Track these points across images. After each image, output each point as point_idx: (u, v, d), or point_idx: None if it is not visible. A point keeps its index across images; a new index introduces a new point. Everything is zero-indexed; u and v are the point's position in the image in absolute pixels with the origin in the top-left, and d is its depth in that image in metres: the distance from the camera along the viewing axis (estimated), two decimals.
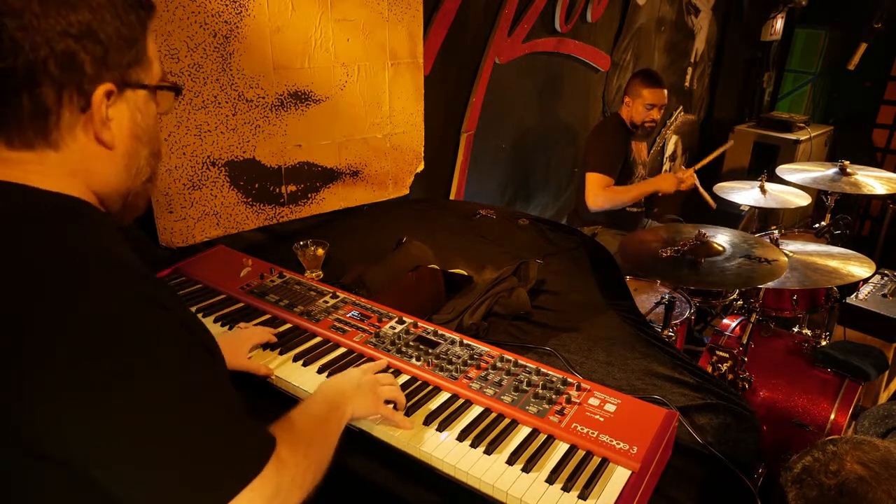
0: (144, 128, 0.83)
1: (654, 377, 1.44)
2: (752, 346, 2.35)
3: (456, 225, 2.39)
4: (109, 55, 0.75)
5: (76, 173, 0.78)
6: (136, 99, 0.81)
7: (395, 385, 1.20)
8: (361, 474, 1.13)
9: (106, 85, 0.76)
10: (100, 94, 0.75)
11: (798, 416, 2.21)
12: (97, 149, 0.79)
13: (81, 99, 0.75)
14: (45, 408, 0.66)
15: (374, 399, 1.12)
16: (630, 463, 1.06)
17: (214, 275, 1.64)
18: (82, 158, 0.78)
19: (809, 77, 5.60)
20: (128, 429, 0.68)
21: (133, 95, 0.80)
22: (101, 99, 0.76)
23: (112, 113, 0.78)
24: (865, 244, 3.86)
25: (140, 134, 0.83)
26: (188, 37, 1.80)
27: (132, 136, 0.82)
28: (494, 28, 2.92)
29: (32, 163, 0.75)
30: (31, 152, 0.75)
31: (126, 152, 0.82)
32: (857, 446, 1.04)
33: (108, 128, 0.78)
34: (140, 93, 0.81)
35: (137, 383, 0.68)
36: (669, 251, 2.09)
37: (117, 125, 0.79)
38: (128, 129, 0.81)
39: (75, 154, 0.77)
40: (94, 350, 0.67)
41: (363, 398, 1.10)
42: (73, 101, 0.74)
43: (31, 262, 0.69)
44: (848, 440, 1.07)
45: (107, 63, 0.75)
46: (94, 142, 0.78)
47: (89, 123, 0.76)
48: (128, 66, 0.78)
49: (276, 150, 2.12)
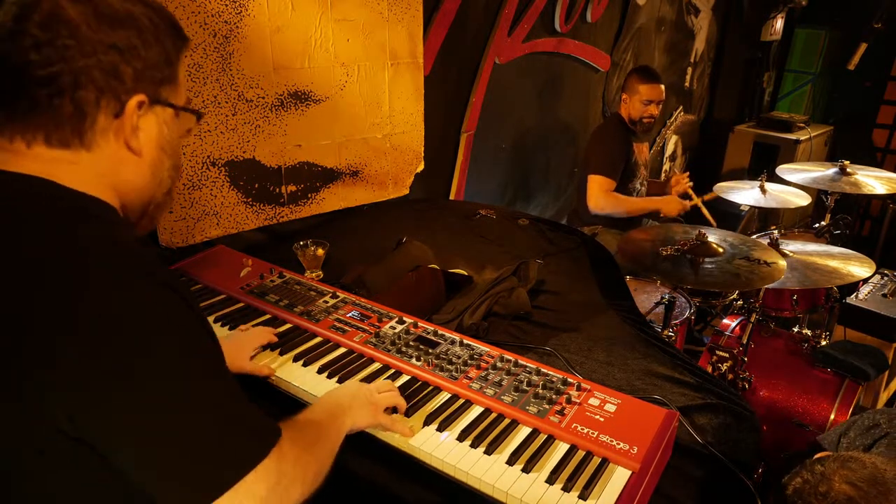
0: (169, 141, 0.91)
1: (654, 377, 1.44)
2: (752, 346, 2.35)
3: (456, 225, 2.39)
4: (147, 71, 0.83)
5: (105, 175, 0.84)
6: (163, 114, 0.88)
7: (393, 391, 1.20)
8: (362, 474, 1.13)
9: (139, 96, 0.83)
10: (133, 103, 0.83)
11: (798, 416, 2.21)
12: (126, 154, 0.85)
13: (117, 106, 0.82)
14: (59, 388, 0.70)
15: (372, 410, 1.13)
16: (630, 463, 1.06)
17: (214, 275, 1.64)
18: (112, 162, 0.84)
19: (809, 77, 5.60)
20: (139, 411, 0.72)
21: (161, 111, 0.88)
22: (133, 108, 0.83)
23: (142, 123, 0.85)
24: (865, 244, 3.87)
25: (165, 146, 0.90)
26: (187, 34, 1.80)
27: (158, 147, 0.89)
28: (494, 28, 2.92)
29: (65, 161, 0.81)
30: (67, 151, 0.81)
31: (152, 161, 0.89)
32: (844, 465, 1.04)
33: (136, 136, 0.85)
34: (168, 110, 0.89)
35: (149, 365, 0.72)
36: (669, 251, 2.09)
37: (146, 135, 0.86)
38: (155, 140, 0.88)
39: (106, 157, 0.84)
40: (108, 334, 0.71)
41: (361, 410, 1.11)
42: (110, 107, 0.81)
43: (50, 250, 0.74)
44: (836, 458, 1.07)
45: (143, 78, 0.83)
46: (124, 147, 0.85)
47: (121, 130, 0.83)
48: (160, 84, 0.86)
49: (276, 150, 2.12)
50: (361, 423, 1.11)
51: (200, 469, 0.74)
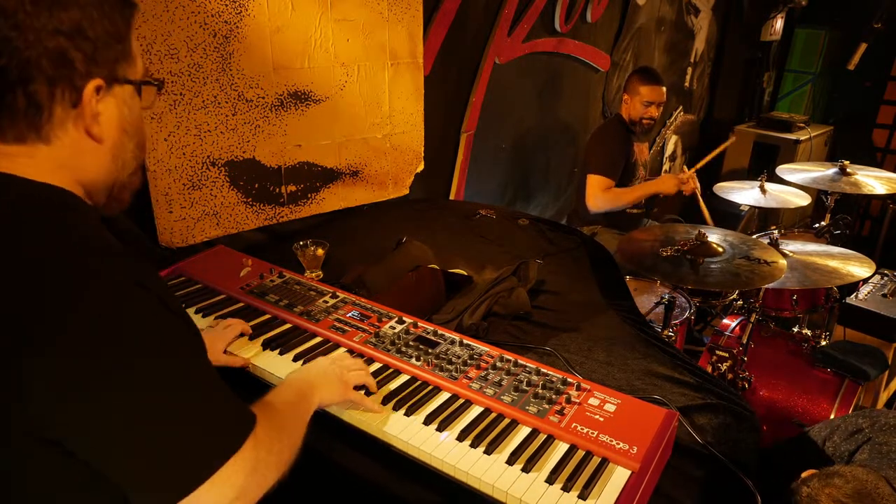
0: (131, 121, 0.86)
1: (654, 377, 1.44)
2: (752, 346, 2.35)
3: (456, 225, 2.39)
4: (98, 52, 0.78)
5: (65, 166, 0.81)
6: (122, 93, 0.83)
7: (364, 370, 1.22)
8: (362, 474, 1.13)
9: (95, 80, 0.78)
10: (90, 89, 0.78)
11: (798, 416, 2.21)
12: (87, 142, 0.81)
13: (73, 94, 0.77)
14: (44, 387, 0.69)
15: (341, 386, 1.14)
16: (630, 463, 1.06)
17: (214, 275, 1.64)
18: (72, 152, 0.80)
19: (809, 77, 5.59)
20: (117, 404, 0.72)
21: (120, 90, 0.83)
22: (91, 94, 0.78)
23: (101, 107, 0.80)
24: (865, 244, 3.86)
25: (127, 127, 0.86)
26: (188, 37, 1.80)
27: (120, 130, 0.85)
28: (494, 28, 2.92)
29: (23, 155, 0.78)
30: (23, 145, 0.78)
31: (114, 145, 0.85)
32: (828, 483, 1.05)
33: (97, 122, 0.80)
34: (126, 88, 0.84)
35: (128, 362, 0.72)
36: (669, 251, 2.09)
37: (106, 119, 0.82)
38: (116, 122, 0.84)
39: (66, 148, 0.80)
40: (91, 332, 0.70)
41: (330, 386, 1.12)
42: (65, 97, 0.77)
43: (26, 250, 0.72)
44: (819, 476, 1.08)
45: (96, 59, 0.78)
46: (85, 136, 0.80)
47: (80, 118, 0.79)
48: (115, 62, 0.81)
49: (276, 150, 2.12)
50: (330, 398, 1.12)
51: (178, 461, 0.74)
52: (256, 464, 0.80)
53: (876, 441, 1.43)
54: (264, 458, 0.82)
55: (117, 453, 0.73)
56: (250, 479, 0.79)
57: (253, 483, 0.80)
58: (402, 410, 1.18)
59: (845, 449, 1.50)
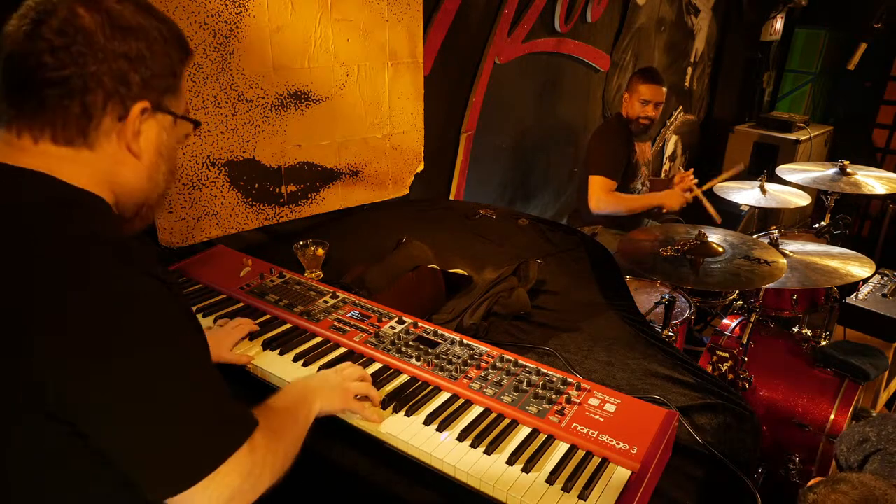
0: (167, 147, 0.95)
1: (654, 377, 1.44)
2: (752, 346, 2.35)
3: (456, 225, 2.39)
4: (153, 79, 0.88)
5: (104, 173, 0.88)
6: (164, 121, 0.92)
7: (366, 380, 1.23)
8: (362, 474, 1.13)
9: (143, 103, 0.87)
10: (137, 109, 0.87)
11: (798, 416, 2.21)
12: (126, 156, 0.89)
13: (122, 110, 0.86)
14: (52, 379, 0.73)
15: (341, 395, 1.15)
16: (630, 463, 1.06)
17: (214, 275, 1.64)
18: (112, 162, 0.88)
19: (809, 77, 5.60)
20: (117, 396, 0.75)
21: (163, 118, 0.92)
22: (137, 114, 0.87)
23: (143, 128, 0.89)
24: (865, 244, 3.86)
25: (163, 151, 0.94)
26: (188, 37, 1.80)
27: (157, 151, 0.93)
28: (494, 28, 2.92)
29: (67, 158, 0.85)
30: (71, 148, 0.85)
31: (150, 164, 0.93)
32: (834, 489, 1.05)
33: (137, 140, 0.89)
34: (168, 117, 0.93)
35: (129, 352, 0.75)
36: (669, 251, 2.09)
37: (146, 139, 0.90)
38: (154, 144, 0.92)
39: (107, 156, 0.88)
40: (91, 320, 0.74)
41: (330, 394, 1.14)
42: (115, 111, 0.85)
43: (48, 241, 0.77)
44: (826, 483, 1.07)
45: (149, 85, 0.87)
46: (125, 149, 0.89)
47: (123, 133, 0.87)
48: (163, 92, 0.90)
49: (276, 150, 2.12)
50: (330, 407, 1.13)
51: (176, 458, 0.77)
52: (252, 467, 0.83)
53: (887, 451, 1.42)
54: (261, 461, 0.84)
55: (117, 441, 0.76)
56: (246, 482, 0.82)
57: (248, 486, 0.82)
58: (402, 411, 1.18)
59: (854, 460, 1.49)
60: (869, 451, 1.45)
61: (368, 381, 1.23)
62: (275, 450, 0.89)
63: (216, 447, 0.80)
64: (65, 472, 0.78)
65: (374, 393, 1.21)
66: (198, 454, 0.78)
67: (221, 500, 0.79)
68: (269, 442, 0.87)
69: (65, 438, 0.75)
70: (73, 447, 0.76)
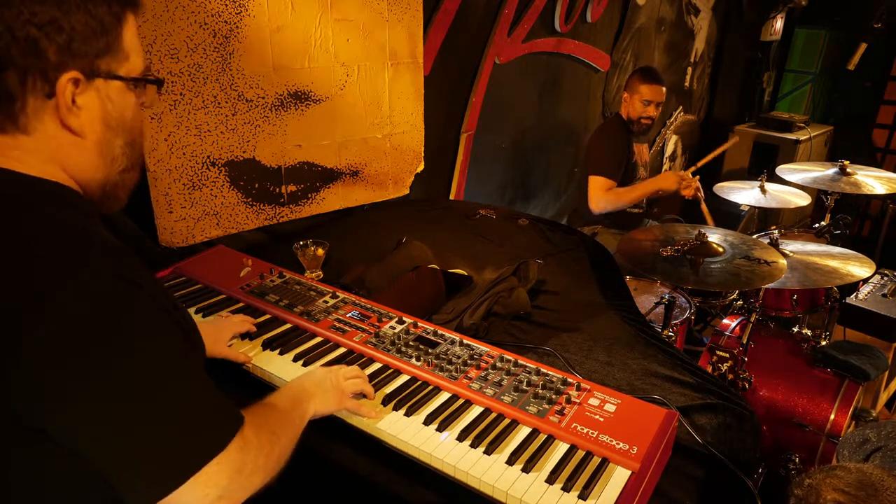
0: (117, 117, 0.84)
1: (654, 377, 1.44)
2: (752, 346, 2.35)
3: (456, 225, 2.39)
4: (74, 43, 0.77)
5: (52, 159, 0.81)
6: (107, 88, 0.82)
7: (361, 377, 1.22)
8: (362, 474, 1.13)
9: (71, 72, 0.77)
10: (64, 80, 0.77)
11: (798, 417, 2.21)
12: (67, 135, 0.81)
13: (46, 85, 0.76)
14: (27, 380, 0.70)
15: (336, 395, 1.14)
16: (630, 463, 1.06)
17: (214, 275, 1.64)
18: (55, 145, 0.80)
19: (809, 77, 5.59)
20: (95, 398, 0.71)
21: (104, 85, 0.81)
22: (65, 85, 0.77)
23: (81, 101, 0.80)
24: (865, 244, 3.86)
25: (112, 123, 0.84)
26: (188, 37, 1.80)
27: (103, 125, 0.83)
28: (494, 28, 2.92)
29: (9, 147, 0.78)
30: (6, 136, 0.78)
31: (98, 140, 0.83)
32: (830, 474, 1.05)
33: (75, 115, 0.80)
34: (113, 83, 0.82)
35: (111, 357, 0.72)
36: (669, 251, 2.09)
37: (87, 113, 0.81)
38: (98, 117, 0.82)
39: (48, 140, 0.79)
40: (74, 326, 0.70)
41: (325, 395, 1.12)
42: (38, 87, 0.76)
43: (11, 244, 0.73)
44: (821, 469, 1.07)
45: (72, 51, 0.77)
46: (63, 128, 0.80)
47: (56, 110, 0.78)
48: (96, 56, 0.79)
49: (276, 150, 2.12)
50: (326, 408, 1.12)
51: (160, 458, 0.74)
52: (242, 465, 0.80)
53: (888, 448, 1.43)
54: (251, 460, 0.81)
55: (98, 446, 0.73)
56: (235, 481, 0.79)
57: (237, 485, 0.79)
58: (402, 410, 1.18)
59: (855, 461, 1.49)
60: (870, 450, 1.45)
61: (363, 378, 1.22)
62: (267, 450, 0.86)
63: (201, 446, 0.76)
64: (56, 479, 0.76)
65: (369, 388, 1.21)
66: (182, 454, 0.75)
67: (210, 499, 0.76)
68: (261, 440, 0.85)
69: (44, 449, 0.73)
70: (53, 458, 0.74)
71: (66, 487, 0.77)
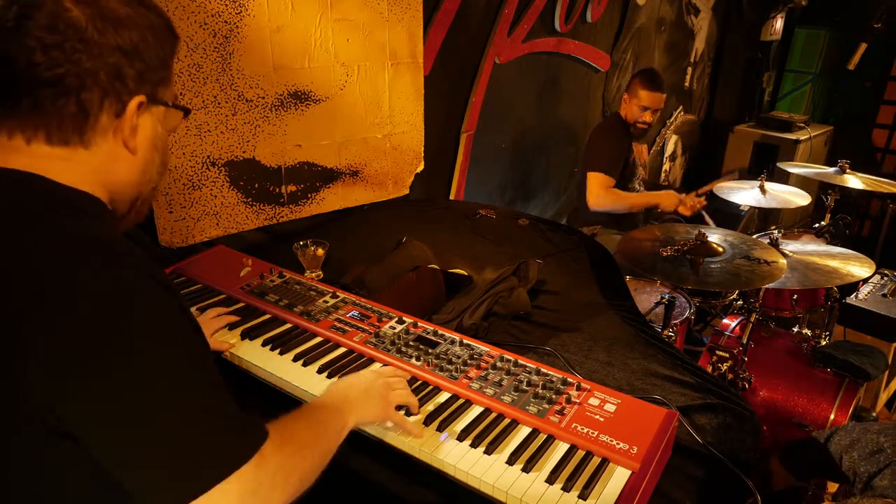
0: (161, 139, 0.93)
1: (654, 377, 1.44)
2: (752, 346, 2.35)
3: (456, 225, 2.39)
4: (148, 72, 0.85)
5: (98, 171, 0.86)
6: (158, 113, 0.90)
7: (406, 389, 1.18)
8: (360, 474, 1.13)
9: (140, 97, 0.85)
10: (134, 104, 0.84)
11: (798, 416, 2.21)
12: (122, 152, 0.87)
13: (119, 106, 0.83)
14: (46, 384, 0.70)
15: (382, 406, 1.10)
16: (630, 463, 1.06)
17: (214, 275, 1.64)
18: (107, 159, 0.86)
19: (809, 77, 5.60)
20: (112, 405, 0.70)
21: (157, 110, 0.90)
22: (134, 109, 0.85)
23: (140, 122, 0.87)
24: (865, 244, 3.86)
25: (157, 143, 0.92)
26: (188, 37, 1.80)
27: (151, 145, 0.91)
28: (494, 28, 2.92)
29: (61, 158, 0.82)
30: (66, 148, 0.82)
31: (144, 159, 0.90)
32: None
33: (134, 135, 0.87)
34: (161, 108, 0.90)
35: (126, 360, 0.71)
36: (669, 251, 2.09)
37: (142, 133, 0.88)
38: (150, 138, 0.90)
39: (102, 154, 0.85)
40: (88, 325, 0.70)
41: (370, 405, 1.08)
42: (112, 108, 0.83)
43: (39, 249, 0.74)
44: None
45: (145, 78, 0.85)
46: (121, 146, 0.86)
47: (119, 129, 0.85)
48: (158, 84, 0.88)
49: (276, 150, 2.12)
50: (369, 418, 1.09)
51: (173, 471, 0.71)
52: (257, 486, 0.75)
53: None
54: (269, 478, 0.77)
55: (113, 453, 0.72)
56: (248, 501, 0.74)
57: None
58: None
59: (865, 470, 1.46)
60: (883, 463, 1.42)
61: (408, 389, 1.18)
62: (290, 467, 0.81)
63: (217, 462, 0.73)
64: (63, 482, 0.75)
65: (414, 401, 1.16)
66: (196, 468, 0.71)
67: None
68: (283, 459, 0.80)
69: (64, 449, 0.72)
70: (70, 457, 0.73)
71: (66, 488, 0.77)
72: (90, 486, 0.76)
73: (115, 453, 0.72)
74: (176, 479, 0.71)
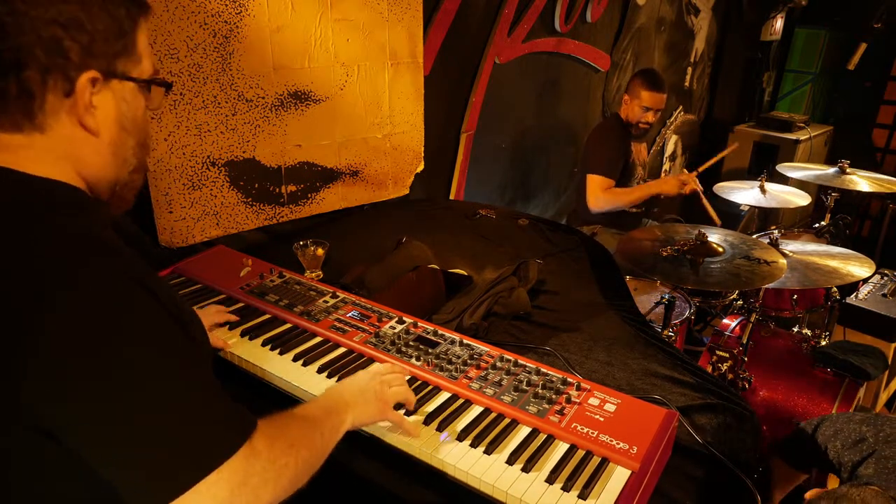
0: (130, 118, 0.86)
1: (654, 377, 1.44)
2: (752, 346, 2.35)
3: (456, 225, 2.39)
4: (95, 44, 0.78)
5: (65, 158, 0.81)
6: (122, 90, 0.84)
7: (404, 385, 1.17)
8: (360, 474, 1.12)
9: (91, 72, 0.78)
10: (84, 80, 0.78)
11: (798, 416, 2.21)
12: (83, 134, 0.81)
13: (66, 84, 0.77)
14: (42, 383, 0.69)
15: (379, 405, 1.09)
16: (630, 463, 1.06)
17: (214, 275, 1.64)
18: (69, 143, 0.81)
19: (809, 77, 5.60)
20: (102, 405, 0.70)
21: (119, 86, 0.83)
22: (84, 85, 0.78)
23: (97, 101, 0.81)
24: (865, 244, 3.87)
25: (126, 123, 0.86)
26: (188, 37, 1.80)
27: (118, 125, 0.85)
28: (494, 28, 2.92)
29: (23, 147, 0.78)
30: (20, 135, 0.78)
31: (112, 140, 0.85)
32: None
33: (91, 114, 0.81)
34: (127, 84, 0.84)
35: (116, 362, 0.70)
36: (669, 251, 2.09)
37: (102, 113, 0.82)
38: (113, 117, 0.84)
39: (63, 138, 0.80)
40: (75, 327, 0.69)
41: (367, 405, 1.07)
42: (58, 86, 0.77)
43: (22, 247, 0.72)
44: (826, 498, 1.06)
45: (92, 52, 0.78)
46: (79, 127, 0.81)
47: (74, 109, 0.79)
48: (114, 57, 0.81)
49: (276, 150, 2.12)
50: (366, 418, 1.07)
51: (158, 468, 0.71)
52: (247, 477, 0.75)
53: (882, 454, 1.41)
54: (259, 472, 0.76)
55: (96, 451, 0.71)
56: (238, 493, 0.74)
57: (241, 498, 0.75)
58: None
59: (849, 459, 1.47)
60: (865, 452, 1.44)
61: (406, 386, 1.17)
62: (282, 463, 0.80)
63: (202, 455, 0.72)
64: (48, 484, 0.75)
65: (412, 397, 1.14)
66: (181, 464, 0.71)
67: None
68: (274, 453, 0.79)
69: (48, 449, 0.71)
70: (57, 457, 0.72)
71: (65, 488, 0.77)
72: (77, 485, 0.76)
73: (104, 452, 0.71)
74: (165, 475, 0.71)
